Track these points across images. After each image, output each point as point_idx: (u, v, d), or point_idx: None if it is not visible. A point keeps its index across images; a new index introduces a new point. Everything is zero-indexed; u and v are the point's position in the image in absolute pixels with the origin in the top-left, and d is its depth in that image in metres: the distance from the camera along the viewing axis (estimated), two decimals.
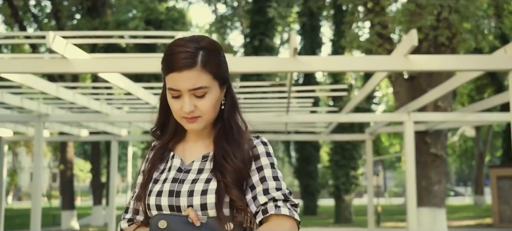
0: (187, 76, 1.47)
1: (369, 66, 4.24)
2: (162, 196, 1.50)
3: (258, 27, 17.76)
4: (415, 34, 3.85)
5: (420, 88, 9.61)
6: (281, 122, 8.65)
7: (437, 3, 8.90)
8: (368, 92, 6.12)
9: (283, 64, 4.20)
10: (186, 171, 1.55)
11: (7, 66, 4.25)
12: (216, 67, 1.50)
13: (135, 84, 6.04)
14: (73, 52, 4.26)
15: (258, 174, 1.52)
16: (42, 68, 4.25)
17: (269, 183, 1.49)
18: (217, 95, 1.53)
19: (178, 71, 1.47)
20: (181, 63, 1.47)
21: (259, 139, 1.58)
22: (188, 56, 1.47)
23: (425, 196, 9.38)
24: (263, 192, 1.47)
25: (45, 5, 20.28)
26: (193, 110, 1.49)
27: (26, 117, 7.94)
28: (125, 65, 4.39)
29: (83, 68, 4.32)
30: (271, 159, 1.55)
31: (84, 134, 10.68)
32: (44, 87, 5.88)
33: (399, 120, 7.43)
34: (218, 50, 1.54)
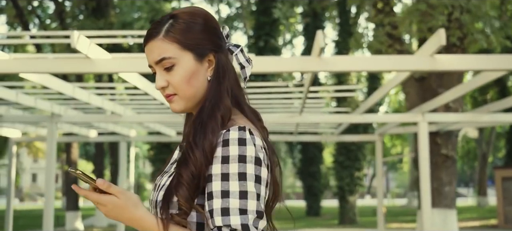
0: (150, 48, 1.34)
1: (393, 66, 4.21)
2: (152, 190, 1.38)
3: (263, 28, 17.74)
4: (443, 33, 3.82)
5: (430, 88, 9.61)
6: (291, 123, 8.65)
7: (448, 3, 8.89)
8: (386, 92, 6.10)
9: (307, 64, 4.18)
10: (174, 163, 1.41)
11: (30, 66, 4.23)
12: (184, 35, 1.33)
13: (151, 84, 6.01)
14: (96, 52, 4.23)
15: (221, 183, 1.22)
16: (65, 68, 4.22)
17: (231, 201, 1.20)
18: (191, 68, 1.33)
19: (146, 44, 1.35)
20: (146, 35, 1.36)
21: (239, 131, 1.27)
22: (154, 26, 1.35)
23: (436, 197, 9.37)
24: (221, 211, 1.20)
25: (48, 6, 20.27)
26: (165, 86, 1.35)
27: (39, 118, 7.90)
28: (146, 65, 4.36)
29: (106, 68, 4.29)
30: (244, 166, 1.23)
31: (93, 134, 10.65)
32: (60, 88, 5.85)
33: (413, 121, 7.40)
34: (194, 17, 1.36)
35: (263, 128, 1.42)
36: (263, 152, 1.28)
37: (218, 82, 1.36)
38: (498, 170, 18.54)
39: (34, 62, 4.25)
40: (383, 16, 9.76)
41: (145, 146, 39.90)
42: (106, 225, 19.24)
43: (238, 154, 1.23)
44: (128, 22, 17.04)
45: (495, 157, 38.73)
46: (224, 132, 1.27)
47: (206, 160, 1.25)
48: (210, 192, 1.23)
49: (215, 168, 1.24)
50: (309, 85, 5.46)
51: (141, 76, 5.60)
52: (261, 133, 1.35)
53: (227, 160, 1.23)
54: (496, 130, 26.94)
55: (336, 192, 20.67)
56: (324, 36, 3.90)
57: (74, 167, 1.28)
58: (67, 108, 8.00)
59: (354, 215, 19.72)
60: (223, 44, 1.41)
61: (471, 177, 39.33)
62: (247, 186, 1.21)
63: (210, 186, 1.23)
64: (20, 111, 8.53)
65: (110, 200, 1.25)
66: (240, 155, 1.23)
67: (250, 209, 1.20)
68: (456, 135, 9.70)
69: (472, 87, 5.89)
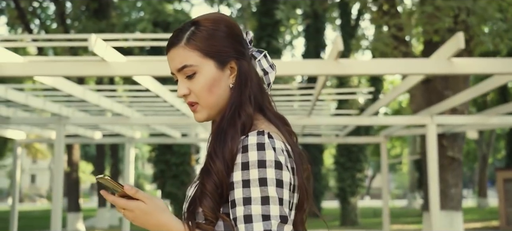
0: (172, 56, 1.35)
1: (410, 69, 4.21)
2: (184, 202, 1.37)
3: (265, 29, 17.74)
4: (461, 37, 3.82)
5: (436, 90, 9.61)
6: (298, 125, 8.65)
7: (454, 5, 8.89)
8: (397, 95, 6.10)
9: (324, 67, 4.17)
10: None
11: (46, 70, 4.21)
12: (205, 42, 1.32)
13: (163, 86, 6.00)
14: (112, 55, 4.22)
15: (243, 190, 1.21)
16: (82, 71, 4.21)
17: (253, 207, 1.19)
18: (212, 76, 1.32)
19: (168, 51, 1.36)
20: (168, 43, 1.37)
21: (257, 136, 1.25)
22: (176, 34, 1.35)
23: (442, 199, 9.36)
24: (244, 218, 1.19)
25: (48, 7, 20.23)
26: (187, 94, 1.35)
27: (47, 120, 7.88)
28: (161, 68, 4.35)
29: (121, 71, 4.29)
30: (265, 171, 1.21)
31: (98, 136, 10.63)
32: (71, 90, 5.84)
33: (421, 123, 7.40)
34: (215, 24, 1.35)
35: (290, 132, 1.41)
36: (284, 155, 1.26)
37: (239, 89, 1.35)
38: (500, 172, 18.57)
39: (50, 66, 4.24)
40: (388, 18, 9.76)
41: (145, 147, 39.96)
42: (107, 226, 19.21)
43: (257, 159, 1.22)
44: (131, 23, 17.03)
45: (495, 158, 38.81)
46: (243, 138, 1.26)
47: (227, 168, 1.25)
48: (233, 200, 1.23)
49: (236, 175, 1.23)
50: (321, 87, 5.45)
51: (153, 78, 5.59)
52: (286, 137, 1.34)
53: (247, 166, 1.22)
54: (496, 131, 27.00)
55: (337, 194, 20.67)
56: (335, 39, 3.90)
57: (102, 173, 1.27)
58: (74, 110, 7.99)
59: (355, 217, 19.73)
60: (245, 50, 1.40)
61: (471, 179, 39.41)
62: (268, 191, 1.20)
63: (232, 194, 1.23)
64: (26, 113, 8.51)
65: (137, 206, 1.24)
66: (259, 160, 1.22)
67: (273, 215, 1.19)
68: (462, 137, 9.70)
69: (482, 91, 5.90)
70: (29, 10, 18.31)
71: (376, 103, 7.48)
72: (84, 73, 4.15)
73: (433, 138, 7.13)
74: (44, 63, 4.26)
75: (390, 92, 6.63)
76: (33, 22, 19.16)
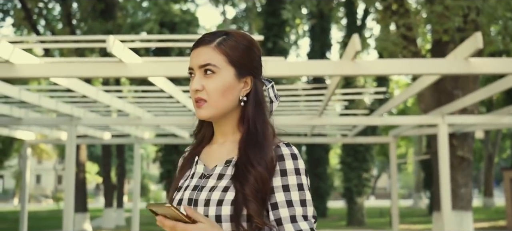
0: (199, 52, 1.45)
1: (427, 69, 4.20)
2: (181, 204, 1.42)
3: (271, 29, 17.74)
4: (479, 37, 3.81)
5: (445, 90, 9.59)
6: (307, 125, 8.65)
7: (464, 5, 8.87)
8: (411, 95, 6.09)
9: (341, 68, 4.17)
10: (208, 177, 1.45)
11: (62, 71, 4.22)
12: (233, 51, 1.44)
13: (176, 87, 6.01)
14: (129, 56, 4.23)
15: (284, 194, 1.37)
16: (99, 73, 4.22)
17: (296, 209, 1.35)
18: (229, 82, 1.43)
19: (194, 48, 1.47)
20: (198, 41, 1.47)
21: (288, 148, 1.42)
22: (209, 35, 1.47)
23: (452, 199, 9.33)
24: (290, 219, 1.35)
25: (53, 7, 20.28)
26: (199, 90, 1.43)
27: (58, 120, 7.90)
28: (178, 69, 4.36)
29: (138, 73, 4.29)
30: (300, 177, 1.39)
31: (107, 136, 10.65)
32: (85, 91, 5.85)
33: (432, 123, 7.39)
34: (246, 40, 1.49)
35: None
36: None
37: (259, 104, 1.48)
38: (506, 171, 18.51)
39: (67, 67, 4.25)
40: (397, 18, 9.75)
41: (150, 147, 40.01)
42: (113, 226, 19.23)
43: (294, 168, 1.40)
44: (137, 23, 17.04)
45: (500, 157, 38.72)
46: (274, 147, 1.42)
47: (269, 174, 1.38)
48: (275, 202, 1.38)
49: (276, 181, 1.39)
50: (334, 87, 5.45)
51: (166, 79, 5.60)
52: None
53: (285, 173, 1.39)
54: (501, 131, 26.93)
55: (344, 193, 20.65)
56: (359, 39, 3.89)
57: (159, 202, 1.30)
58: (86, 111, 8.01)
59: (362, 216, 19.71)
60: (261, 73, 1.53)
61: (476, 178, 39.33)
62: (305, 194, 1.39)
63: (273, 197, 1.38)
64: (37, 114, 8.53)
65: (200, 228, 1.27)
66: (295, 168, 1.39)
67: (309, 215, 1.37)
68: (472, 137, 9.68)
69: (496, 91, 5.88)
70: (36, 11, 18.33)
71: (388, 103, 7.47)
72: (101, 75, 4.16)
73: (445, 137, 7.12)
74: (60, 64, 4.27)
75: (403, 92, 6.62)
76: (39, 23, 19.19)
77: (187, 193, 1.43)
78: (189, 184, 1.46)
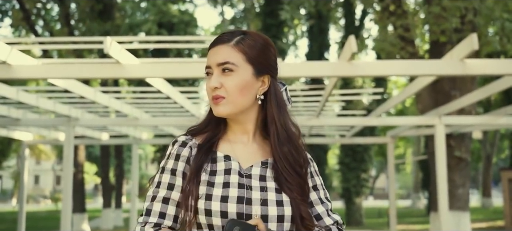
0: (218, 50, 1.47)
1: (423, 71, 4.22)
2: (229, 202, 1.37)
3: (270, 30, 17.73)
4: (475, 38, 3.83)
5: (443, 91, 9.61)
6: (306, 126, 8.67)
7: (461, 6, 8.90)
8: (407, 95, 6.11)
9: (338, 69, 4.18)
10: (247, 176, 1.44)
11: (60, 72, 4.23)
12: (251, 50, 1.47)
13: (173, 88, 6.02)
14: (127, 57, 4.24)
15: (315, 193, 1.55)
16: (96, 74, 4.23)
17: (328, 204, 1.55)
18: (247, 80, 1.46)
19: (212, 47, 1.49)
20: (217, 39, 1.49)
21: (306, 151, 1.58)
22: (227, 34, 1.49)
23: (450, 199, 9.36)
24: (327, 213, 1.53)
25: (52, 8, 20.27)
26: (218, 88, 1.44)
27: (56, 121, 7.90)
28: (175, 71, 4.37)
29: (135, 74, 4.30)
30: (320, 178, 1.60)
31: (105, 137, 10.65)
32: (82, 92, 5.86)
33: (429, 123, 7.41)
34: (262, 40, 1.52)
35: None
36: None
37: (281, 104, 1.53)
38: (504, 172, 18.53)
39: (65, 68, 4.26)
40: (395, 19, 9.76)
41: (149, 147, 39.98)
42: (112, 227, 19.23)
43: (316, 169, 1.59)
44: (136, 24, 17.04)
45: (498, 158, 38.75)
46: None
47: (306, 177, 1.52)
48: (310, 201, 1.52)
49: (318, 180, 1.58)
50: (331, 88, 5.47)
51: (164, 80, 5.61)
52: None
53: (312, 175, 1.56)
54: (500, 131, 26.95)
55: (342, 194, 20.66)
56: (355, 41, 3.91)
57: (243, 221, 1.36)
58: (83, 112, 8.02)
59: (360, 217, 19.72)
60: (277, 73, 1.57)
61: (475, 178, 39.36)
62: (327, 193, 1.59)
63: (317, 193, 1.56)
64: (35, 115, 8.54)
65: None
66: (316, 170, 1.59)
67: (333, 208, 1.57)
68: (470, 137, 9.70)
69: (493, 91, 5.90)
70: (34, 12, 18.32)
71: (386, 103, 7.49)
72: (98, 76, 4.17)
73: (442, 138, 7.15)
74: (58, 65, 4.28)
75: (401, 93, 6.64)
76: (37, 23, 19.18)
77: (233, 190, 1.40)
78: (229, 180, 1.42)
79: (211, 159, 1.47)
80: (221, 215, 1.36)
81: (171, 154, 1.48)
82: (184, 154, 1.47)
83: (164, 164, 1.48)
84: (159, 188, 1.45)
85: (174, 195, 1.44)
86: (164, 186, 1.45)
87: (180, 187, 1.44)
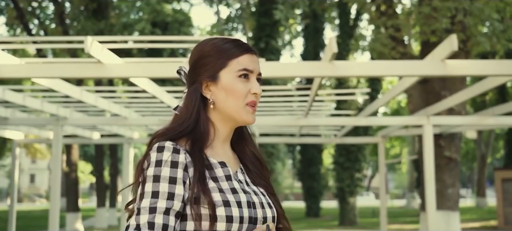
0: (257, 60, 1.52)
1: (404, 71, 4.24)
2: (243, 207, 1.37)
3: (264, 29, 17.72)
4: (454, 39, 3.85)
5: (433, 91, 9.63)
6: (295, 125, 8.69)
7: (452, 6, 8.92)
8: (393, 96, 6.13)
9: (319, 69, 4.20)
10: (239, 182, 1.46)
11: (42, 72, 4.24)
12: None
13: (159, 87, 6.03)
14: (108, 57, 4.24)
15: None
16: (78, 73, 4.24)
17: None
18: None
19: (251, 53, 1.50)
20: (252, 48, 1.52)
21: None
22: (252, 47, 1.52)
23: (439, 199, 9.38)
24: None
25: (47, 7, 20.25)
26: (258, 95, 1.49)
27: (44, 120, 7.91)
28: (158, 70, 4.38)
29: (118, 73, 4.31)
30: None
31: (96, 136, 10.65)
32: (68, 91, 5.86)
33: (418, 124, 7.43)
34: None
35: None
36: None
37: None
38: (498, 171, 18.59)
39: (48, 67, 4.26)
40: (386, 19, 9.78)
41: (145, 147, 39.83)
42: (106, 226, 19.23)
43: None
44: (129, 23, 17.03)
45: (494, 158, 38.84)
46: None
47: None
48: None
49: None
50: (317, 89, 5.48)
51: (150, 80, 5.62)
52: None
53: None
54: (494, 131, 27.00)
55: (336, 193, 20.70)
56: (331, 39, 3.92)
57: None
58: (72, 111, 8.02)
59: (354, 216, 19.75)
60: None
61: (470, 178, 39.45)
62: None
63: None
64: (24, 114, 8.53)
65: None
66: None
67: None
68: (460, 137, 9.73)
69: (478, 92, 5.92)
70: (28, 10, 18.30)
71: (373, 104, 7.51)
72: (80, 75, 4.17)
73: (430, 138, 7.17)
74: (40, 65, 4.28)
75: (387, 93, 6.65)
76: (32, 22, 19.16)
77: (242, 196, 1.40)
78: (233, 186, 1.42)
79: (206, 165, 1.42)
80: (240, 220, 1.36)
81: (164, 161, 1.36)
82: (181, 161, 1.37)
83: (156, 172, 1.35)
84: (158, 198, 1.33)
85: (175, 205, 1.34)
86: (163, 195, 1.33)
87: (181, 196, 1.35)
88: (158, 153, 1.37)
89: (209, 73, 1.47)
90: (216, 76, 1.46)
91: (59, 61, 5.47)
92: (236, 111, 1.45)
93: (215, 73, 1.46)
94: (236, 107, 1.45)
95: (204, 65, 1.48)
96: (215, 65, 1.47)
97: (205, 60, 1.48)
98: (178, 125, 1.45)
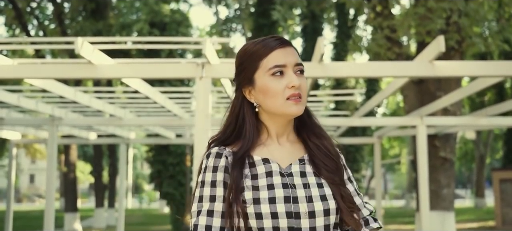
0: (291, 51, 1.52)
1: (393, 72, 4.27)
2: (277, 203, 1.42)
3: (262, 30, 17.75)
4: (442, 40, 3.87)
5: (428, 92, 9.65)
6: None
7: (447, 7, 8.94)
8: (385, 97, 6.15)
9: (309, 70, 4.22)
10: (288, 175, 1.49)
11: (35, 72, 4.27)
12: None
13: (152, 88, 6.06)
14: (100, 57, 4.27)
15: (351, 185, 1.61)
16: (69, 74, 4.27)
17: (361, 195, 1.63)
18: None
19: (282, 47, 1.51)
20: (284, 40, 1.54)
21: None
22: (286, 39, 1.55)
23: (434, 199, 9.41)
24: (363, 204, 1.61)
25: (46, 7, 20.28)
26: (297, 87, 1.48)
27: (40, 121, 7.94)
28: (149, 71, 4.41)
29: (109, 74, 4.34)
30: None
31: (93, 137, 10.68)
32: (62, 91, 5.89)
33: (411, 124, 7.46)
34: None
35: None
36: None
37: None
38: (496, 172, 18.61)
39: (39, 68, 4.29)
40: (381, 19, 9.81)
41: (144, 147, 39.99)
42: (104, 226, 19.26)
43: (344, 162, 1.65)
44: (127, 24, 17.05)
45: (492, 158, 38.84)
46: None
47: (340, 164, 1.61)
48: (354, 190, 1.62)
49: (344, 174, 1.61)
50: (309, 89, 5.51)
51: (142, 80, 5.65)
52: None
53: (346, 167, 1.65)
54: (493, 131, 27.01)
55: None
56: (325, 40, 3.95)
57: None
58: (67, 111, 8.05)
59: None
60: None
61: (469, 179, 39.46)
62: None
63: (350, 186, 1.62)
64: (20, 115, 8.56)
65: None
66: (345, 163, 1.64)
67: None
68: (455, 138, 9.75)
69: (470, 92, 5.95)
70: (27, 11, 18.34)
71: (367, 104, 7.54)
72: (70, 76, 4.21)
73: (423, 138, 7.20)
74: (33, 65, 4.32)
75: (379, 94, 6.69)
76: (31, 22, 19.20)
77: (278, 191, 1.44)
78: (272, 182, 1.46)
79: (249, 163, 1.50)
80: (271, 216, 1.41)
81: (207, 167, 1.49)
82: (221, 164, 1.48)
83: (202, 178, 1.49)
84: (202, 202, 1.47)
85: (217, 206, 1.46)
86: (206, 199, 1.47)
87: (222, 197, 1.46)
88: (204, 160, 1.53)
89: (246, 79, 1.53)
90: (252, 80, 1.52)
91: (50, 61, 5.49)
92: (278, 109, 1.50)
93: (251, 77, 1.52)
94: (276, 106, 1.50)
95: (241, 72, 1.55)
96: (249, 70, 1.53)
97: (241, 67, 1.55)
98: (222, 131, 1.57)
